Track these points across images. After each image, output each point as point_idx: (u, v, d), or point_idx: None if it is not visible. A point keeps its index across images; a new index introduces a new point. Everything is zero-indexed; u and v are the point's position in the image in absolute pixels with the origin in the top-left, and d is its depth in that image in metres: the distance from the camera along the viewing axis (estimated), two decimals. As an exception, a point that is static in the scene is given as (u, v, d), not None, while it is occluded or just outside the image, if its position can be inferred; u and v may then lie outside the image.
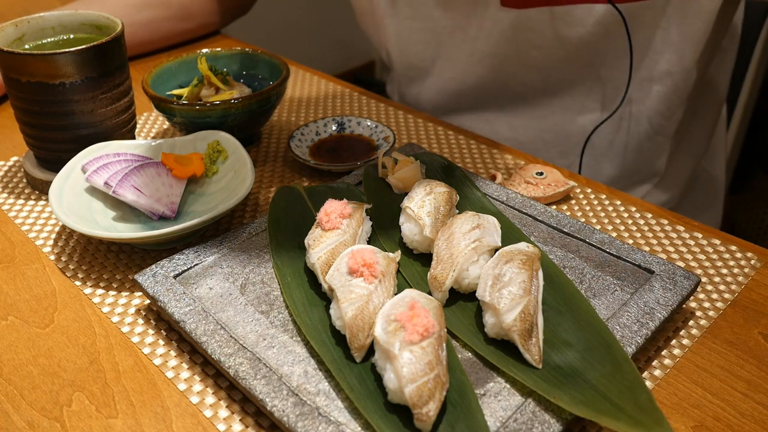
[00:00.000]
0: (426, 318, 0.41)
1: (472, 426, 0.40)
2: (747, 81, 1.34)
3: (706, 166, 1.03)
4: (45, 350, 0.50)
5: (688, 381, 0.46)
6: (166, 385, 0.47)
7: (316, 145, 0.74)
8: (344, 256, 0.48)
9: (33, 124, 0.66)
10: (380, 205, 0.60)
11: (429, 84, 0.98)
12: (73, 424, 0.44)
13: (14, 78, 0.62)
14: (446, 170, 0.65)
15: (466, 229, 0.51)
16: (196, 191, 0.65)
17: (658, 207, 0.65)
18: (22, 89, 0.63)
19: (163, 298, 0.50)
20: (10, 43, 0.66)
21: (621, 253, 0.54)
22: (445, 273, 0.48)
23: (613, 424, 0.39)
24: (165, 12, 0.98)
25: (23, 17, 0.67)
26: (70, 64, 0.61)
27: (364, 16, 1.01)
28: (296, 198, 0.61)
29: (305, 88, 0.92)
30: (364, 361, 0.45)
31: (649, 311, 0.48)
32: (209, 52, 0.78)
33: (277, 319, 0.49)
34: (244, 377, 0.43)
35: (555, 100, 0.91)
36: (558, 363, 0.44)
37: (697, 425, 0.43)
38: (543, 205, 0.60)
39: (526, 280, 0.46)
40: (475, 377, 0.44)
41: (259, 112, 0.70)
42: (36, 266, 0.59)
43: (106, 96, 0.65)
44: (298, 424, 0.40)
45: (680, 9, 0.80)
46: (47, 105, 0.63)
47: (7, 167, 0.74)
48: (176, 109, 0.68)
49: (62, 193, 0.59)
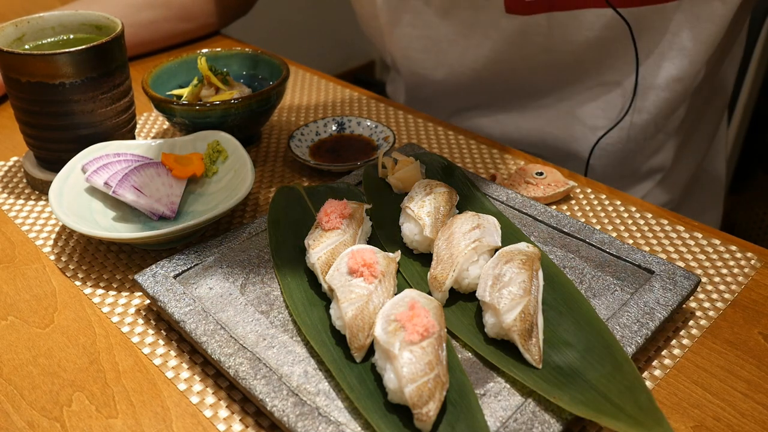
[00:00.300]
0: (426, 318, 0.41)
1: (472, 426, 0.40)
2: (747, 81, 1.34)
3: (707, 166, 1.03)
4: (45, 350, 0.50)
5: (688, 381, 0.46)
6: (166, 385, 0.47)
7: (316, 145, 0.74)
8: (344, 256, 0.48)
9: (33, 124, 0.66)
10: (380, 205, 0.60)
11: (435, 88, 0.98)
12: (73, 424, 0.44)
13: (14, 78, 0.62)
14: (446, 170, 0.65)
15: (466, 229, 0.51)
16: (196, 191, 0.65)
17: (658, 207, 0.65)
18: (22, 89, 0.63)
19: (163, 298, 0.50)
20: (10, 43, 0.66)
21: (621, 253, 0.54)
22: (445, 273, 0.48)
23: (613, 424, 0.39)
24: (165, 12, 0.98)
25: (23, 17, 0.67)
26: (70, 64, 0.61)
27: (368, 21, 1.01)
28: (296, 198, 0.61)
29: (305, 88, 0.92)
30: (364, 361, 0.45)
31: (649, 311, 0.48)
32: (209, 52, 0.78)
33: (277, 319, 0.49)
34: (244, 377, 0.43)
35: (563, 101, 0.91)
36: (558, 363, 0.44)
37: (697, 425, 0.43)
38: (543, 205, 0.60)
39: (526, 280, 0.46)
40: (475, 377, 0.44)
41: (259, 112, 0.70)
42: (36, 266, 0.59)
43: (106, 96, 0.65)
44: (298, 424, 0.40)
45: (692, 13, 0.78)
46: (47, 105, 0.63)
47: (7, 167, 0.74)
48: (176, 109, 0.68)
49: (62, 193, 0.59)
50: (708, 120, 0.96)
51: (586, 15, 0.80)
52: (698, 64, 0.82)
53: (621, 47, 0.82)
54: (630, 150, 0.90)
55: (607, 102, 0.88)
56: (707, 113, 0.96)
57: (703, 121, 0.96)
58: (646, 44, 0.82)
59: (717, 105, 0.97)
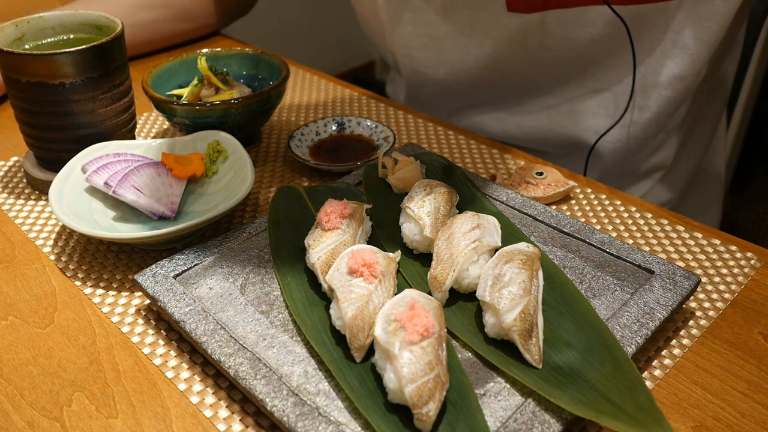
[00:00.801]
0: (426, 318, 0.41)
1: (472, 426, 0.40)
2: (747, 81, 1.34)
3: (706, 165, 1.03)
4: (45, 350, 0.50)
5: (688, 381, 0.46)
6: (166, 385, 0.47)
7: (316, 145, 0.74)
8: (344, 256, 0.48)
9: (33, 124, 0.66)
10: (380, 205, 0.60)
11: (436, 87, 0.98)
12: (73, 424, 0.44)
13: (14, 78, 0.62)
14: (446, 170, 0.65)
15: (466, 229, 0.51)
16: (196, 191, 0.65)
17: (658, 207, 0.65)
18: (22, 89, 0.63)
19: (163, 298, 0.50)
20: (10, 43, 0.66)
21: (621, 253, 0.54)
22: (445, 273, 0.48)
23: (613, 424, 0.39)
24: (166, 13, 0.98)
25: (23, 17, 0.67)
26: (70, 64, 0.61)
27: (368, 20, 1.01)
28: (296, 198, 0.61)
29: (305, 88, 0.92)
30: (364, 361, 0.45)
31: (649, 311, 0.48)
32: (209, 52, 0.78)
33: (277, 319, 0.49)
34: (244, 377, 0.43)
35: (565, 99, 0.91)
36: (558, 363, 0.44)
37: (697, 425, 0.43)
38: (543, 205, 0.60)
39: (526, 280, 0.46)
40: (475, 377, 0.44)
41: (259, 112, 0.70)
42: (36, 266, 0.59)
43: (106, 96, 0.65)
44: (298, 424, 0.40)
45: (694, 12, 0.78)
46: (47, 105, 0.63)
47: (7, 167, 0.74)
48: (176, 109, 0.68)
49: (62, 193, 0.59)
50: (708, 118, 0.97)
51: (588, 13, 0.80)
52: (700, 63, 0.82)
53: (623, 45, 0.82)
54: (631, 148, 0.90)
55: (608, 100, 0.88)
56: (707, 112, 0.96)
57: (704, 120, 0.96)
58: (648, 43, 0.82)
59: (717, 103, 0.97)
